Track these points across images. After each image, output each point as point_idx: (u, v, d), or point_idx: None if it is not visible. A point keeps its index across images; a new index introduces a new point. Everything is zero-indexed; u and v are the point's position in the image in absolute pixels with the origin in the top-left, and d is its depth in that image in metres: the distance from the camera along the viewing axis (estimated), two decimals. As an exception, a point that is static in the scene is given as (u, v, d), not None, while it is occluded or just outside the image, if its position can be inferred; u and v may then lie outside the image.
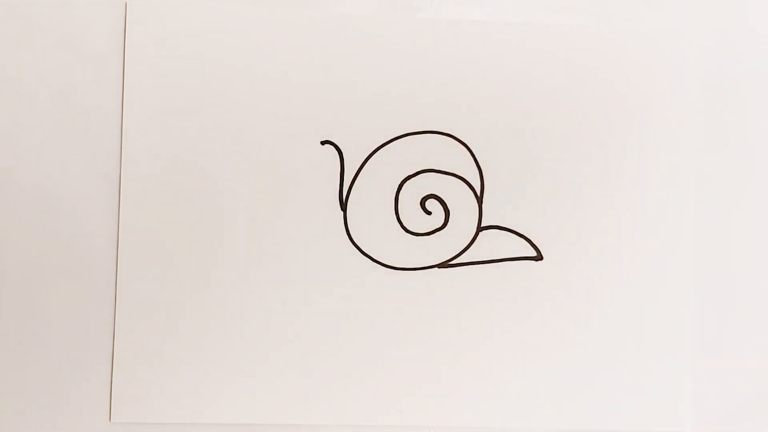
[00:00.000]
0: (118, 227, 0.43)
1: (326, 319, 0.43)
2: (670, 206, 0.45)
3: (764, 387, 0.45)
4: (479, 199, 0.44)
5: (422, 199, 0.44)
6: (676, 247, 0.45)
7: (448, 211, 0.44)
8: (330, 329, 0.43)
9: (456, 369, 0.44)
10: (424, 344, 0.43)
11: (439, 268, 0.44)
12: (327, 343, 0.43)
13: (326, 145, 0.43)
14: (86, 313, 0.43)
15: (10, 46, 0.43)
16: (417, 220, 0.44)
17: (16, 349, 0.43)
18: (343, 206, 0.43)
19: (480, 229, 0.44)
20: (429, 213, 0.44)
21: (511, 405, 0.44)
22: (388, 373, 0.43)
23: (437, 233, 0.44)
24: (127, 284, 0.43)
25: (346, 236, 0.43)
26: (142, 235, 0.43)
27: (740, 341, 0.45)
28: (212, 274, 0.43)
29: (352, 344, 0.43)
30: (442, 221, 0.44)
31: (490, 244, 0.44)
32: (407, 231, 0.44)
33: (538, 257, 0.44)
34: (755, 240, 0.45)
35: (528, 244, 0.44)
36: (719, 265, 0.45)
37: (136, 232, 0.43)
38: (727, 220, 0.45)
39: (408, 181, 0.44)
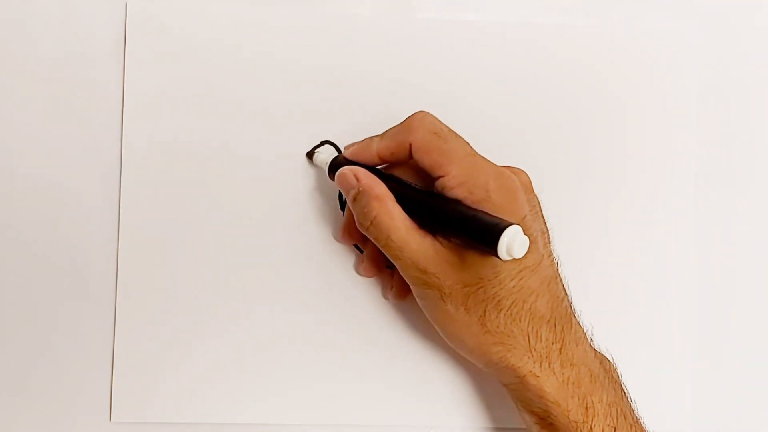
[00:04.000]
0: (118, 227, 0.43)
1: (326, 319, 0.43)
2: (670, 206, 0.45)
3: (764, 387, 0.45)
4: (479, 199, 0.44)
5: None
6: (677, 247, 0.45)
7: (448, 210, 0.44)
8: (330, 329, 0.43)
9: (457, 369, 0.44)
10: (425, 344, 0.43)
11: (438, 268, 0.44)
12: (327, 343, 0.43)
13: (326, 145, 0.43)
14: (86, 313, 0.43)
15: (10, 46, 0.43)
16: (417, 220, 0.44)
17: (16, 348, 0.43)
18: (343, 206, 0.43)
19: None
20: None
21: (511, 405, 0.44)
22: (389, 373, 0.43)
23: (437, 233, 0.44)
24: (128, 284, 0.43)
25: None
26: (143, 235, 0.43)
27: (741, 341, 0.45)
28: (212, 274, 0.43)
29: (353, 344, 0.43)
30: (442, 221, 0.44)
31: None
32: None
33: (538, 257, 0.44)
34: (756, 240, 0.45)
35: (528, 244, 0.44)
36: (720, 264, 0.45)
37: (136, 232, 0.43)
38: (728, 220, 0.45)
39: (408, 181, 0.44)
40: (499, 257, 0.32)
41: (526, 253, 0.33)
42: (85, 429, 0.42)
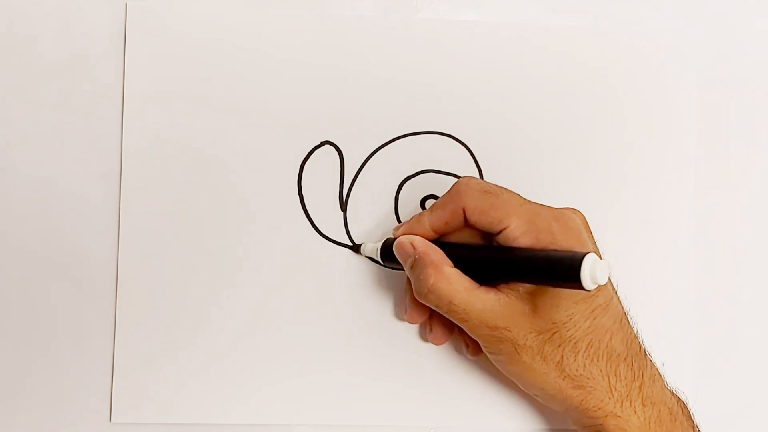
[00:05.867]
0: (118, 227, 0.43)
1: (326, 319, 0.43)
2: (671, 206, 0.45)
3: (765, 387, 0.45)
4: (479, 199, 0.44)
5: (422, 199, 0.44)
6: (677, 247, 0.45)
7: (448, 211, 0.44)
8: (330, 329, 0.43)
9: (457, 370, 0.44)
10: (424, 344, 0.43)
11: (439, 268, 0.44)
12: (327, 343, 0.43)
13: (326, 145, 0.43)
14: (86, 313, 0.43)
15: (10, 46, 0.43)
16: (417, 220, 0.44)
17: (15, 349, 0.42)
18: (343, 206, 0.43)
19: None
20: (429, 213, 0.44)
21: (511, 405, 0.44)
22: (388, 373, 0.43)
23: (437, 233, 0.44)
24: (128, 284, 0.43)
25: (347, 236, 0.43)
26: (143, 235, 0.43)
27: (741, 341, 0.45)
28: (212, 274, 0.43)
29: (353, 344, 0.43)
30: (442, 221, 0.44)
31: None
32: (407, 231, 0.44)
33: (538, 257, 0.44)
34: (756, 239, 0.45)
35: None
36: (720, 265, 0.45)
37: (136, 232, 0.43)
38: (727, 220, 0.45)
39: (408, 181, 0.44)
40: (584, 288, 0.32)
41: (596, 290, 0.33)
42: (85, 429, 0.42)
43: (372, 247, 0.42)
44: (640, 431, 0.37)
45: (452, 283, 0.37)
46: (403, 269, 0.40)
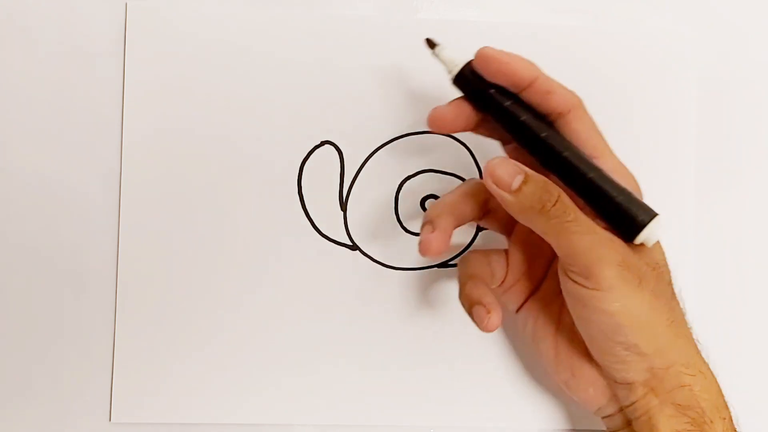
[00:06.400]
0: (118, 227, 0.43)
1: (326, 319, 0.43)
2: (671, 206, 0.45)
3: (765, 387, 0.45)
4: (479, 199, 0.44)
5: (422, 199, 0.44)
6: (676, 247, 0.45)
7: (448, 211, 0.44)
8: (330, 329, 0.43)
9: (456, 369, 0.44)
10: (424, 344, 0.43)
11: (439, 268, 0.44)
12: (327, 343, 0.43)
13: (326, 145, 0.43)
14: (86, 313, 0.43)
15: (10, 46, 0.43)
16: (417, 220, 0.44)
17: (15, 348, 0.42)
18: (343, 206, 0.43)
19: (479, 229, 0.44)
20: (429, 213, 0.44)
21: (511, 405, 0.44)
22: (388, 373, 0.43)
23: (437, 233, 0.44)
24: (128, 284, 0.43)
25: (346, 236, 0.43)
26: (143, 235, 0.43)
27: (741, 341, 0.45)
28: (213, 274, 0.43)
29: (352, 344, 0.43)
30: (442, 221, 0.44)
31: (490, 244, 0.44)
32: (407, 231, 0.44)
33: (538, 257, 0.44)
34: (757, 240, 0.45)
35: (528, 244, 0.44)
36: (720, 265, 0.45)
37: (137, 232, 0.43)
38: (728, 220, 0.45)
39: (408, 181, 0.44)
40: (632, 240, 0.35)
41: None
42: (85, 429, 0.42)
43: (450, 58, 0.38)
44: (719, 397, 0.35)
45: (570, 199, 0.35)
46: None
